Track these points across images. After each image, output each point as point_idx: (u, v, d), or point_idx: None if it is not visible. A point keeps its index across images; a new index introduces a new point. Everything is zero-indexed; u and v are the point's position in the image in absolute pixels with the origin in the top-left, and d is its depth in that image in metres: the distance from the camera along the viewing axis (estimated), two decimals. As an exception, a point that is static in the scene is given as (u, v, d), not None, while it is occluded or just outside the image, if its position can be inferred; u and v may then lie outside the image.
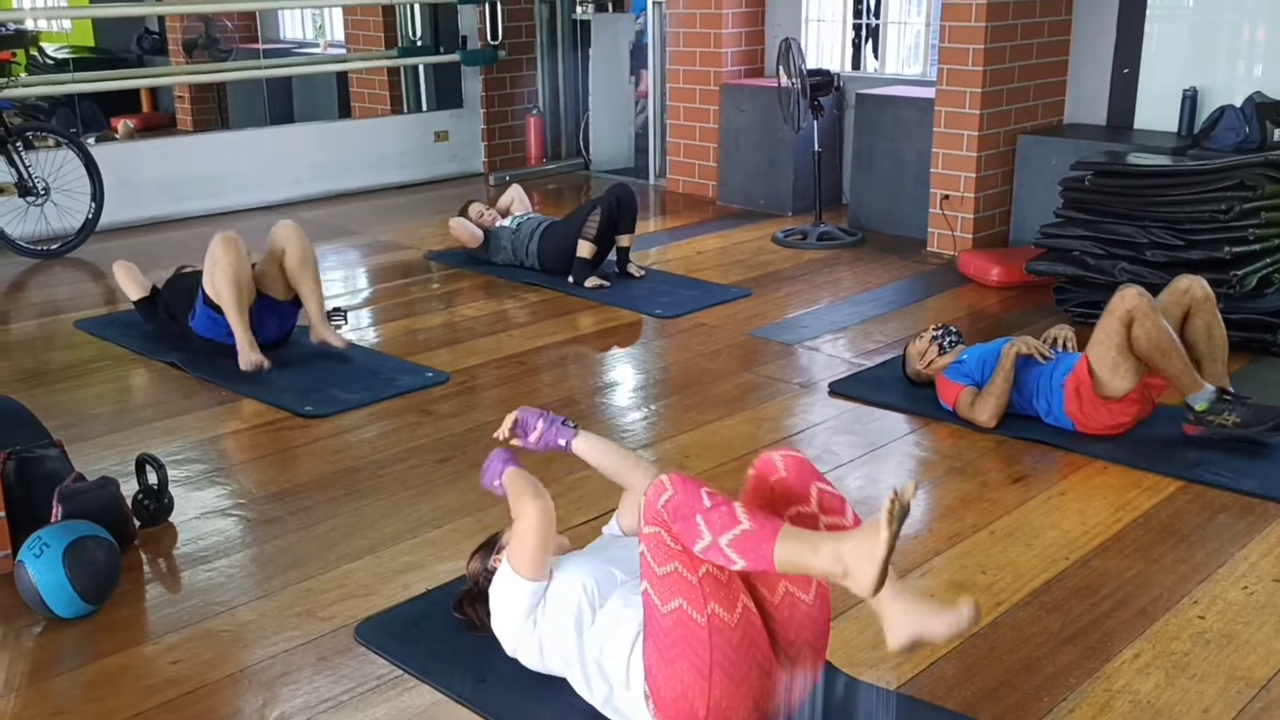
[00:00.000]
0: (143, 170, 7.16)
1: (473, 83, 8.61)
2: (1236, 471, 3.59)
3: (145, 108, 10.95)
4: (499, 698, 2.52)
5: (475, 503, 3.45)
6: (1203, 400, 3.76)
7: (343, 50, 9.88)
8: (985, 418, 3.92)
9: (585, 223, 5.66)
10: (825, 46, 7.69)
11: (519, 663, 2.52)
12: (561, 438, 2.64)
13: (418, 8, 8.75)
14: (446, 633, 2.74)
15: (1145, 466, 3.66)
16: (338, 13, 10.06)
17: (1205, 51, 6.18)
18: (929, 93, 6.43)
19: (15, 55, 6.83)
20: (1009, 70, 6.16)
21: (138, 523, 3.26)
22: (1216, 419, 3.75)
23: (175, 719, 2.51)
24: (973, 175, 6.18)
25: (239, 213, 7.35)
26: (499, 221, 6.09)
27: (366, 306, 5.56)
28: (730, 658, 2.16)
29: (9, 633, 2.84)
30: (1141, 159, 5.10)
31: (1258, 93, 5.67)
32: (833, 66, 7.44)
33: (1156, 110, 6.22)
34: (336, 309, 4.84)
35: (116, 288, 5.09)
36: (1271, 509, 3.38)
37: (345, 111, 9.65)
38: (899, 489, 1.97)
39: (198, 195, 7.31)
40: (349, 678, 2.63)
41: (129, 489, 3.30)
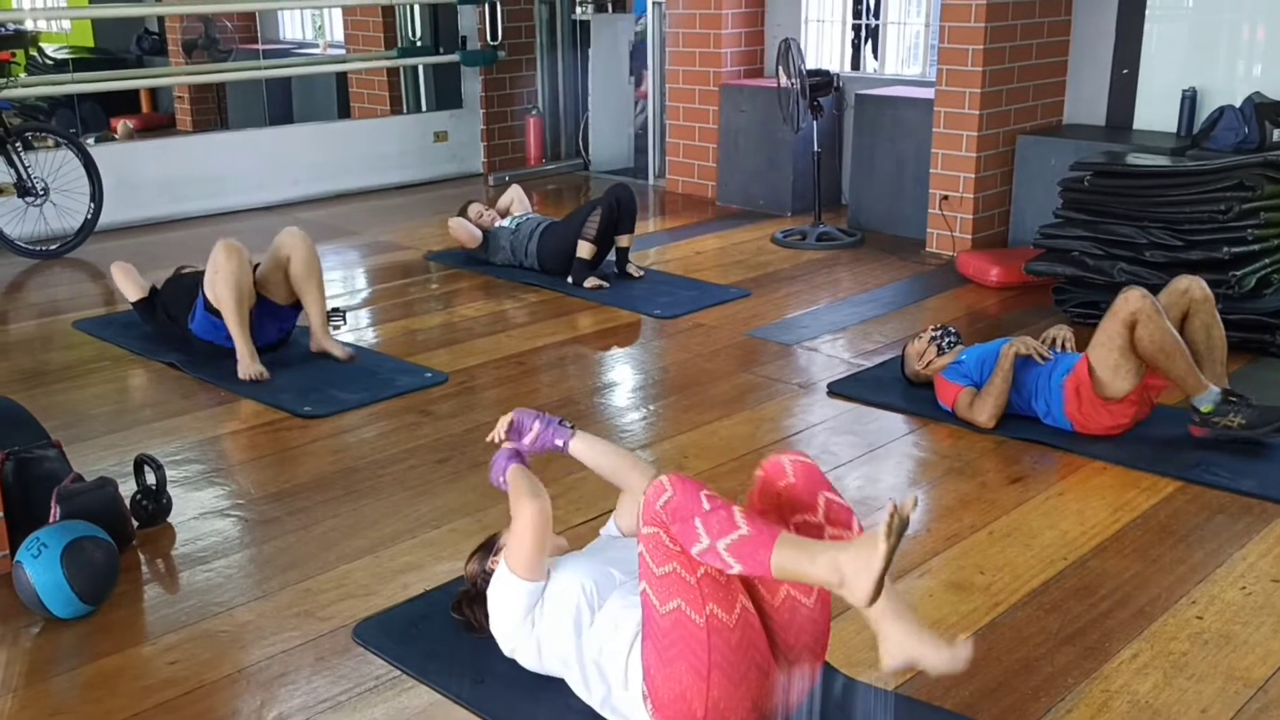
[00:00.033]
0: (142, 170, 7.16)
1: (472, 83, 8.61)
2: (1235, 472, 3.59)
3: (145, 108, 10.95)
4: (497, 698, 2.52)
5: (474, 503, 3.45)
6: (1208, 402, 3.76)
7: (342, 51, 9.88)
8: (984, 418, 3.92)
9: (585, 223, 5.65)
10: (825, 47, 7.69)
11: (517, 663, 2.52)
12: (559, 438, 2.62)
13: (417, 8, 8.75)
14: (445, 633, 2.74)
15: (1144, 467, 3.66)
16: (337, 13, 10.05)
17: (1205, 52, 6.18)
18: (928, 93, 6.43)
19: (15, 55, 6.82)
20: (1008, 70, 6.16)
21: (136, 523, 3.26)
22: (1222, 421, 3.74)
23: (173, 719, 2.51)
24: (972, 176, 6.18)
25: (238, 213, 7.37)
26: (498, 222, 6.09)
27: (366, 307, 5.56)
28: (728, 658, 2.16)
29: (7, 633, 2.83)
30: (1141, 159, 5.10)
31: (1257, 93, 5.67)
32: (832, 67, 7.44)
33: (1156, 110, 6.23)
34: (335, 309, 4.83)
35: (115, 289, 5.08)
36: (1270, 509, 3.38)
37: (345, 112, 9.65)
38: (899, 502, 1.97)
39: (197, 196, 7.31)
40: (347, 678, 2.63)
41: (127, 489, 3.30)
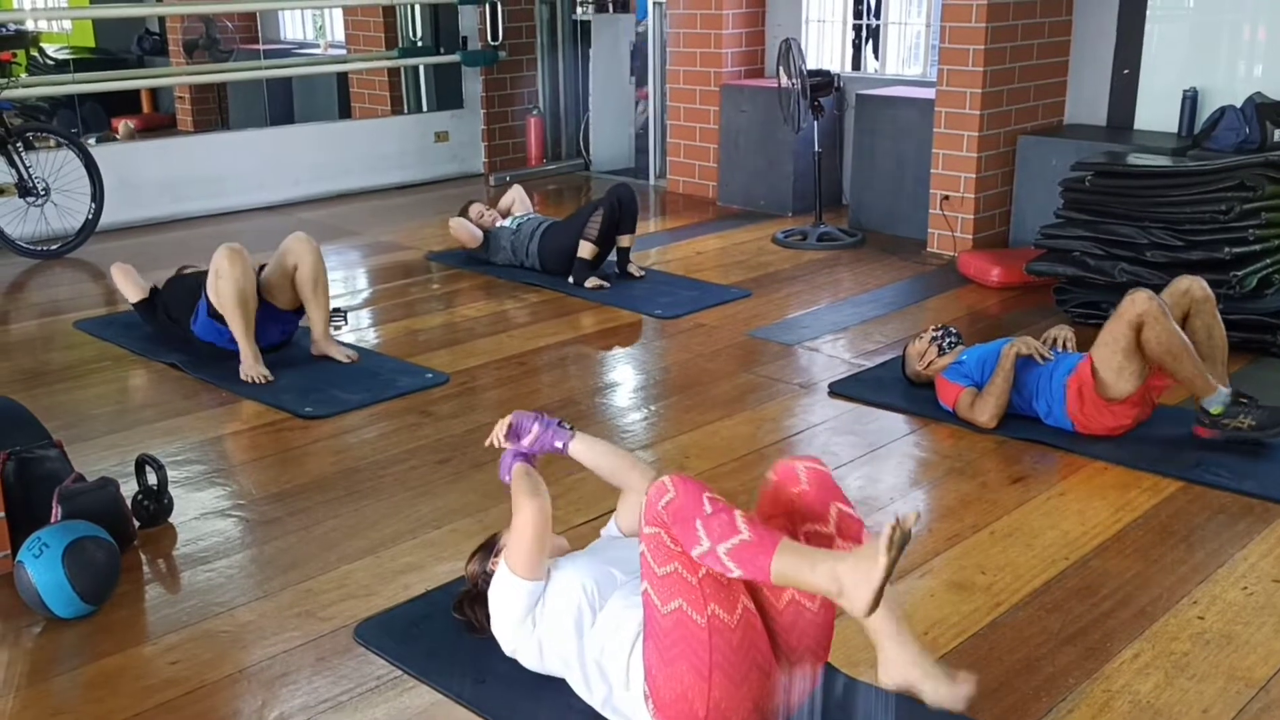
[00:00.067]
0: (143, 171, 7.16)
1: (473, 83, 8.61)
2: (1236, 472, 3.58)
3: (146, 108, 10.96)
4: (498, 698, 2.52)
5: (475, 503, 3.45)
6: (1218, 403, 3.73)
7: (343, 51, 9.88)
8: (985, 418, 3.92)
9: (587, 224, 5.65)
10: (825, 47, 7.69)
11: (518, 663, 2.52)
12: (558, 440, 2.62)
13: (418, 8, 8.75)
14: (446, 633, 2.74)
15: (1145, 467, 3.66)
16: (338, 13, 10.05)
17: (1205, 52, 6.18)
18: (929, 93, 6.43)
19: (15, 56, 6.83)
20: (1009, 71, 6.16)
21: (137, 523, 3.26)
22: (1232, 422, 3.71)
23: (174, 719, 2.51)
24: (973, 176, 6.18)
25: (239, 213, 7.37)
26: (499, 222, 6.09)
27: (367, 307, 5.56)
28: (730, 659, 2.16)
29: (8, 633, 2.84)
30: (1142, 159, 5.10)
31: (1258, 93, 5.67)
32: (833, 67, 7.44)
33: (1157, 111, 6.23)
34: (337, 310, 4.83)
35: (115, 290, 5.09)
36: (1271, 509, 3.38)
37: (345, 112, 9.65)
38: (900, 516, 1.97)
39: (198, 196, 7.31)
40: (348, 678, 2.63)
41: (129, 489, 3.30)
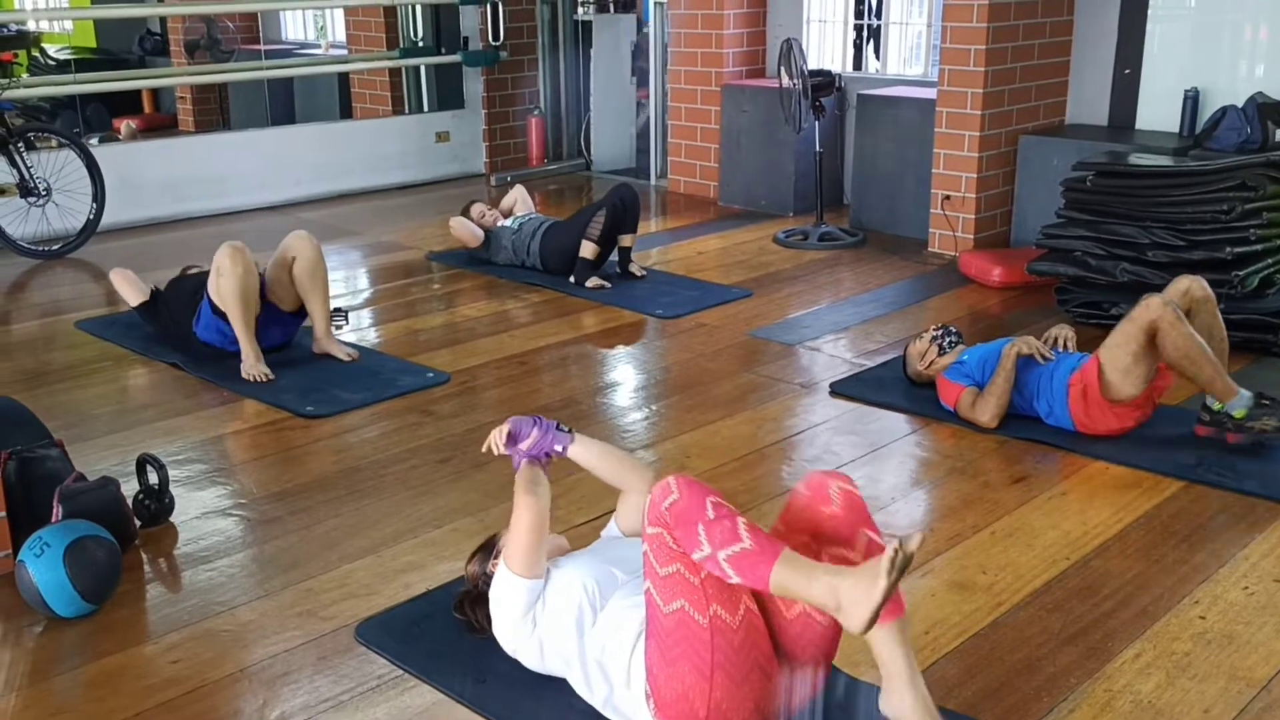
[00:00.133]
0: (145, 171, 7.16)
1: (474, 83, 8.61)
2: (1237, 472, 3.58)
3: (147, 109, 10.96)
4: (499, 698, 2.52)
5: (476, 503, 3.45)
6: (1240, 406, 3.69)
7: (344, 51, 9.88)
8: (986, 418, 3.92)
9: (590, 223, 5.65)
10: (826, 47, 7.69)
11: (519, 663, 2.52)
12: (558, 444, 2.60)
13: (419, 8, 8.75)
14: (447, 633, 2.74)
15: (1146, 467, 3.66)
16: (339, 14, 10.06)
17: (1207, 52, 6.18)
18: (930, 93, 6.43)
19: (17, 56, 6.83)
20: (1010, 71, 6.16)
21: (138, 522, 3.26)
22: (1257, 425, 3.67)
23: (175, 718, 2.51)
24: (974, 176, 6.18)
25: (241, 213, 7.37)
26: (500, 221, 6.09)
27: (368, 307, 5.56)
28: (731, 659, 2.16)
29: (9, 632, 2.84)
30: (1143, 159, 5.10)
31: (1259, 93, 5.66)
32: (834, 67, 7.44)
33: (1158, 111, 6.22)
34: (338, 309, 4.83)
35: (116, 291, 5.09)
36: (1273, 509, 3.37)
37: (347, 112, 9.66)
38: (903, 539, 1.97)
39: (199, 196, 7.32)
40: (349, 677, 2.63)
41: (130, 489, 3.30)
